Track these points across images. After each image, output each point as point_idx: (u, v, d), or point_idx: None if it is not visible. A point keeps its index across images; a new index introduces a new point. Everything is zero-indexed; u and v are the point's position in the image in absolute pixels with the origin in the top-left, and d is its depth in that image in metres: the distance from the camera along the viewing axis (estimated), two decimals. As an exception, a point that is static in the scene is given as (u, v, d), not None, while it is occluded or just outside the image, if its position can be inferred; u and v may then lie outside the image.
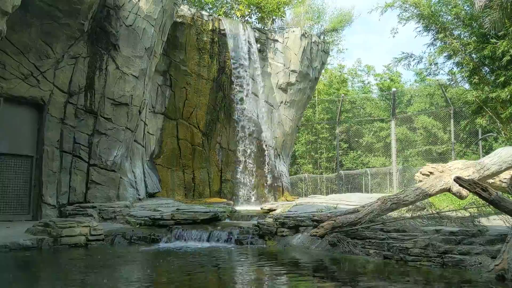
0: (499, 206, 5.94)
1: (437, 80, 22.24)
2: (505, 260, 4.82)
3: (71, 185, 11.54)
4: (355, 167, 29.68)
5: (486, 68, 14.77)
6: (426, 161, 20.99)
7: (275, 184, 16.88)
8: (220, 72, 16.30)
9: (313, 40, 18.17)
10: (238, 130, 16.30)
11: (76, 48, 11.62)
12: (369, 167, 26.91)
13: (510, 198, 7.13)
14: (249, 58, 16.43)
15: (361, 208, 7.86)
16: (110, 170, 12.13)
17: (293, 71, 17.54)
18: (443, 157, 23.13)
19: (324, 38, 20.29)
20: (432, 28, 15.14)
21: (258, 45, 17.01)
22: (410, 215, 7.79)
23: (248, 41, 16.51)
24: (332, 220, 7.50)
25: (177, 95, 15.61)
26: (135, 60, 12.48)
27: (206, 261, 7.07)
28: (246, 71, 16.25)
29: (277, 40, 17.62)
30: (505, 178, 9.01)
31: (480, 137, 21.73)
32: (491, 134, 21.18)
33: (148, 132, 14.68)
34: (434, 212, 7.71)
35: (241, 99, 16.25)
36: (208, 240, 8.92)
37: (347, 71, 40.76)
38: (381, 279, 5.55)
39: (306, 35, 17.85)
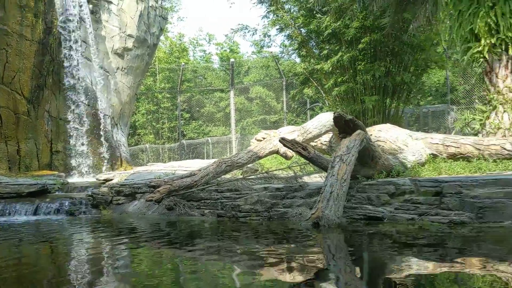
0: (317, 163, 6.65)
1: (271, 52, 23.62)
2: (320, 209, 5.44)
3: None
4: (197, 136, 30.17)
5: (313, 42, 16.15)
6: (261, 129, 22.35)
7: (113, 154, 16.18)
8: (47, 33, 14.70)
9: (150, 5, 17.58)
10: (69, 97, 15.06)
11: None
12: (211, 136, 27.62)
13: (327, 157, 8.02)
14: (80, 18, 15.16)
15: (197, 171, 8.05)
16: None
17: (130, 35, 16.78)
18: (276, 125, 24.84)
19: (162, 3, 19.77)
20: (265, 0, 15.90)
21: (90, 6, 15.78)
22: (243, 176, 8.25)
23: (78, 0, 15.18)
24: (168, 184, 7.53)
25: (-6, 57, 13.68)
26: None
27: (33, 234, 6.49)
28: (76, 33, 14.98)
29: (111, 2, 16.54)
30: (325, 141, 10.13)
31: (308, 107, 23.95)
32: (317, 104, 23.51)
33: (-43, 98, 12.66)
34: (263, 172, 8.28)
35: (72, 64, 14.98)
36: (35, 213, 8.22)
37: (188, 40, 40.72)
38: (215, 237, 5.79)
39: (143, -1, 17.16)
